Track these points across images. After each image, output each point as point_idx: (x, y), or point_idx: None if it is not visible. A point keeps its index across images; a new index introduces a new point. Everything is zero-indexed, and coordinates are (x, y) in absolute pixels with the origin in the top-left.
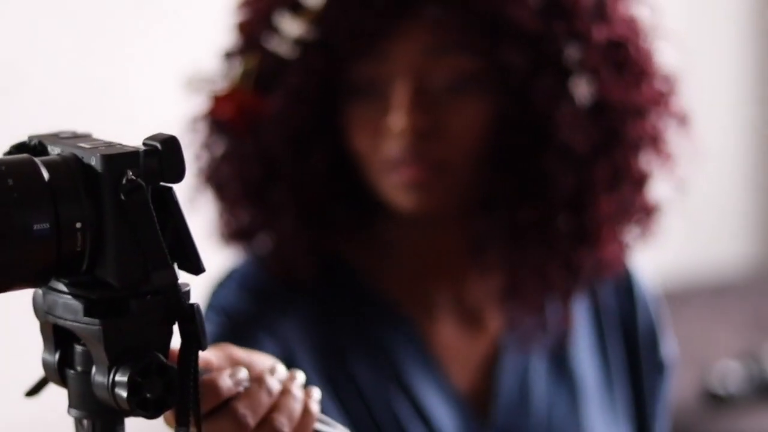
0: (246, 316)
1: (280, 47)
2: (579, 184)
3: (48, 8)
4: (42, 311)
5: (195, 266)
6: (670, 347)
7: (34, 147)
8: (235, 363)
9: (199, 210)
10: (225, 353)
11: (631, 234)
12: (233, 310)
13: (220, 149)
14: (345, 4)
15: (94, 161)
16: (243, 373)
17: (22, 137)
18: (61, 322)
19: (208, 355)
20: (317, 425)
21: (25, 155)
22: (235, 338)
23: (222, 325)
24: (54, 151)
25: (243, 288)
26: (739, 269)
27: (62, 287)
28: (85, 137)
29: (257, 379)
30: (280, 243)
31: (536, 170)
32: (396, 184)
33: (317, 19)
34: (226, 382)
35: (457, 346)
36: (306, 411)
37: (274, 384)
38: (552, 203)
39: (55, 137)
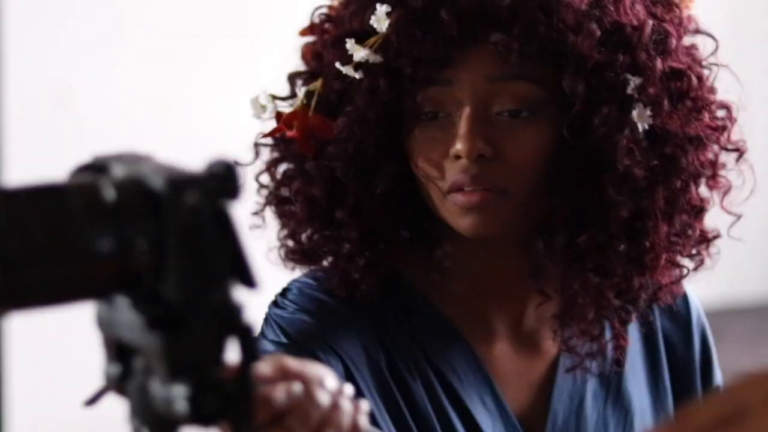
0: (304, 333)
1: (346, 70)
2: (637, 212)
3: (112, 27)
4: (105, 325)
5: (251, 281)
6: (720, 376)
7: (99, 168)
8: (287, 374)
9: (261, 231)
10: (277, 365)
11: (687, 261)
12: (290, 327)
13: (284, 169)
14: (410, 32)
15: (158, 183)
16: (297, 387)
17: (86, 157)
18: (123, 335)
19: (261, 367)
20: None
21: (90, 175)
22: (292, 353)
23: (279, 341)
24: (118, 172)
25: (301, 304)
26: None
27: (125, 303)
28: (148, 159)
29: (308, 393)
30: (342, 261)
31: (595, 197)
32: (457, 207)
33: (383, 44)
34: (280, 395)
35: (512, 367)
36: (354, 425)
37: (324, 398)
38: (610, 229)
39: (119, 158)
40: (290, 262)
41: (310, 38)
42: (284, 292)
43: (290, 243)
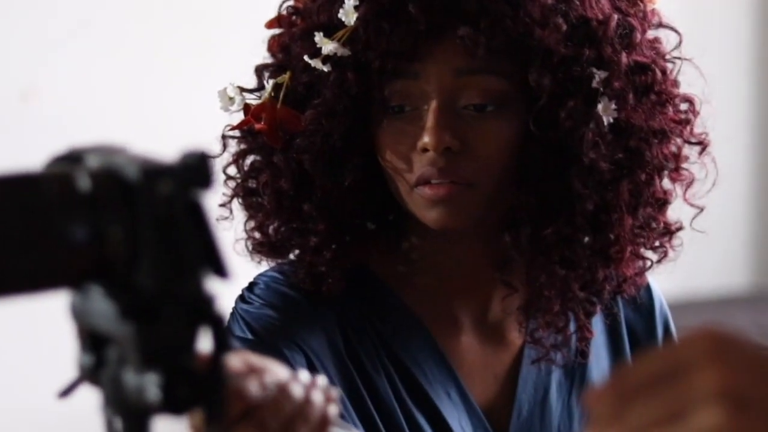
0: (269, 329)
1: (314, 64)
2: (602, 204)
3: (79, 20)
4: (79, 314)
5: (223, 271)
6: None
7: (74, 158)
8: (252, 370)
9: (228, 222)
10: (242, 361)
11: (651, 253)
12: (256, 322)
13: (252, 161)
14: (379, 25)
15: (132, 173)
16: (270, 380)
17: (58, 149)
18: (96, 325)
19: (232, 361)
20: (335, 430)
21: (65, 165)
22: (257, 349)
23: (245, 336)
24: (92, 162)
25: (267, 299)
26: (743, 283)
27: (99, 292)
28: (122, 150)
29: (281, 387)
30: (309, 254)
31: (561, 190)
32: (424, 200)
33: (351, 37)
34: (253, 388)
35: (478, 359)
36: (324, 417)
37: (297, 391)
38: (576, 222)
39: (94, 149)
40: (257, 255)
41: (276, 30)
42: (251, 287)
43: (257, 235)
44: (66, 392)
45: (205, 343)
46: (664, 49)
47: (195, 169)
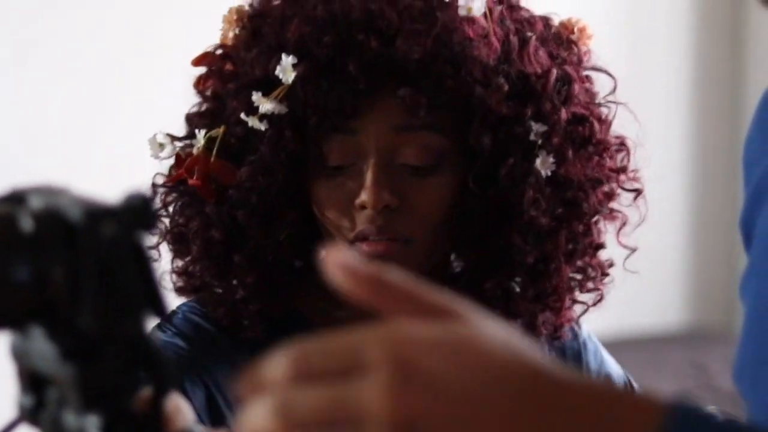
0: (173, 359)
1: (252, 122)
2: (541, 256)
3: (12, 56)
4: (19, 355)
5: (162, 312)
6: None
7: (16, 199)
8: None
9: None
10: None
11: (586, 296)
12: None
13: (184, 209)
14: (317, 83)
15: (75, 214)
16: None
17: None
18: (37, 366)
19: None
20: None
21: (8, 206)
22: None
23: None
24: (35, 203)
25: (180, 328)
26: (678, 322)
27: (40, 333)
28: (65, 191)
29: None
30: (234, 303)
31: (501, 244)
32: (364, 254)
33: (288, 94)
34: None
35: None
36: None
37: None
38: (515, 275)
39: (37, 190)
40: (179, 293)
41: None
42: (171, 315)
43: (182, 280)
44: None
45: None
46: (598, 93)
47: (138, 212)
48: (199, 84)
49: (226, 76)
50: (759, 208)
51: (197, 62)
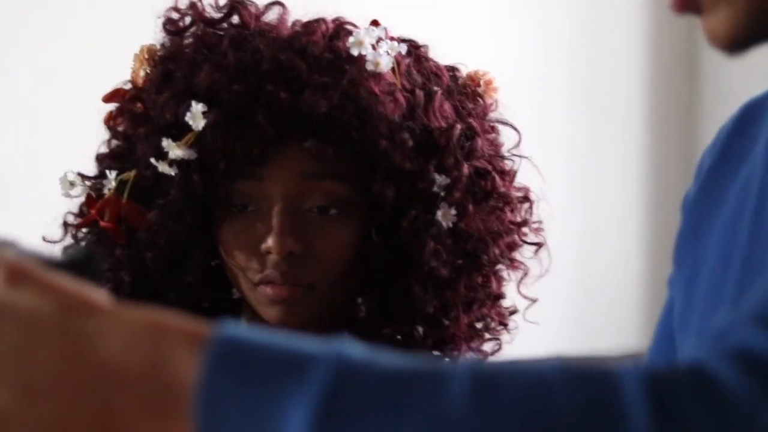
0: None
1: (161, 168)
2: (440, 305)
3: None
4: None
5: None
6: None
7: None
8: None
9: None
10: None
11: (487, 345)
12: None
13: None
14: (226, 131)
15: None
16: None
17: None
18: None
19: None
20: None
21: None
22: None
23: None
24: None
25: None
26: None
27: None
28: (12, 244)
29: None
30: None
31: (401, 292)
32: (264, 299)
33: (198, 140)
34: None
35: None
36: None
37: None
38: (414, 323)
39: None
40: None
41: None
42: None
43: None
44: None
45: None
46: (503, 142)
47: (81, 265)
48: (110, 120)
49: (136, 116)
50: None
51: (108, 99)
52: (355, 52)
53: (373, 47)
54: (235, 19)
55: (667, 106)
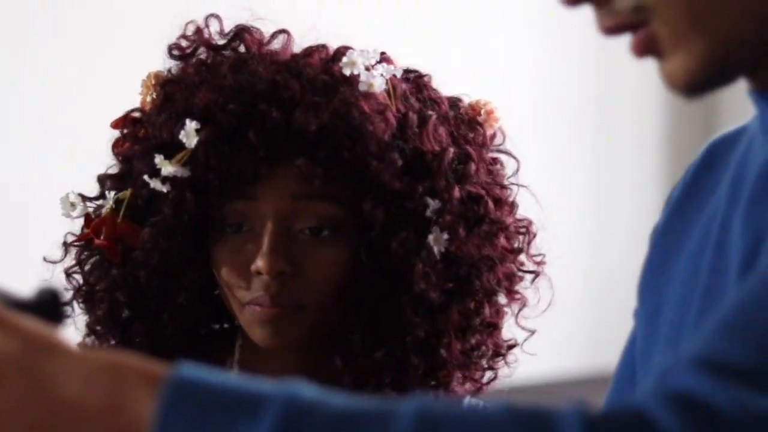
0: None
1: (153, 184)
2: (432, 330)
3: None
4: None
5: None
6: None
7: None
8: None
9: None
10: None
11: (482, 374)
12: None
13: (93, 269)
14: (219, 149)
15: None
16: None
17: None
18: None
19: None
20: None
21: None
22: None
23: None
24: None
25: None
26: None
27: None
28: None
29: None
30: None
31: (393, 315)
32: (254, 319)
33: (191, 159)
34: None
35: None
36: None
37: None
38: (406, 347)
39: None
40: None
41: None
42: None
43: (90, 338)
44: None
45: None
46: (503, 171)
47: (48, 305)
48: (116, 147)
49: (139, 140)
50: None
51: (116, 125)
52: (347, 72)
53: (367, 69)
54: (241, 48)
55: (683, 110)
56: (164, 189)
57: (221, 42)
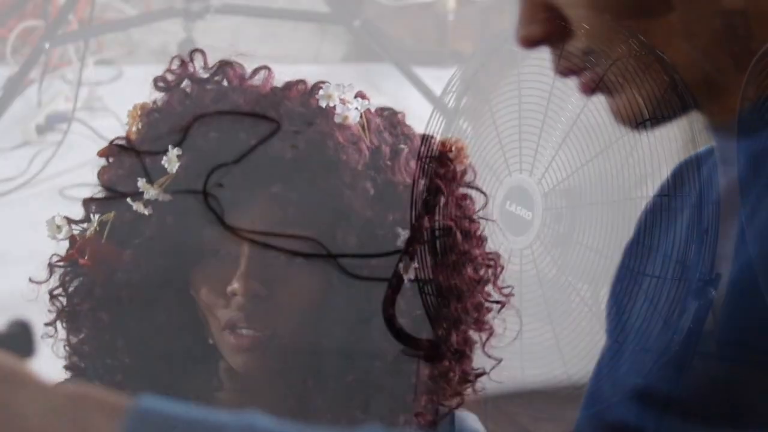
0: None
1: (136, 207)
2: (401, 356)
3: None
4: None
5: None
6: None
7: None
8: None
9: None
10: None
11: (450, 401)
12: None
13: (78, 290)
14: (197, 173)
15: None
16: None
17: None
18: None
19: None
20: None
21: None
22: None
23: None
24: None
25: None
26: None
27: None
28: None
29: None
30: (113, 385)
31: (362, 341)
32: (232, 346)
33: (173, 183)
34: None
35: None
36: None
37: None
38: (375, 371)
39: None
40: (68, 371)
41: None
42: None
43: (72, 358)
44: None
45: None
46: (473, 206)
47: (18, 338)
48: (102, 175)
49: (123, 165)
50: None
51: (102, 153)
52: (323, 104)
53: (343, 102)
54: (224, 81)
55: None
56: (146, 212)
57: (205, 75)
